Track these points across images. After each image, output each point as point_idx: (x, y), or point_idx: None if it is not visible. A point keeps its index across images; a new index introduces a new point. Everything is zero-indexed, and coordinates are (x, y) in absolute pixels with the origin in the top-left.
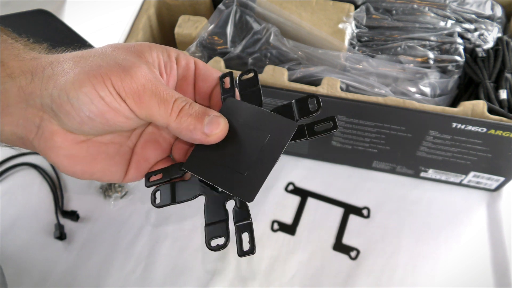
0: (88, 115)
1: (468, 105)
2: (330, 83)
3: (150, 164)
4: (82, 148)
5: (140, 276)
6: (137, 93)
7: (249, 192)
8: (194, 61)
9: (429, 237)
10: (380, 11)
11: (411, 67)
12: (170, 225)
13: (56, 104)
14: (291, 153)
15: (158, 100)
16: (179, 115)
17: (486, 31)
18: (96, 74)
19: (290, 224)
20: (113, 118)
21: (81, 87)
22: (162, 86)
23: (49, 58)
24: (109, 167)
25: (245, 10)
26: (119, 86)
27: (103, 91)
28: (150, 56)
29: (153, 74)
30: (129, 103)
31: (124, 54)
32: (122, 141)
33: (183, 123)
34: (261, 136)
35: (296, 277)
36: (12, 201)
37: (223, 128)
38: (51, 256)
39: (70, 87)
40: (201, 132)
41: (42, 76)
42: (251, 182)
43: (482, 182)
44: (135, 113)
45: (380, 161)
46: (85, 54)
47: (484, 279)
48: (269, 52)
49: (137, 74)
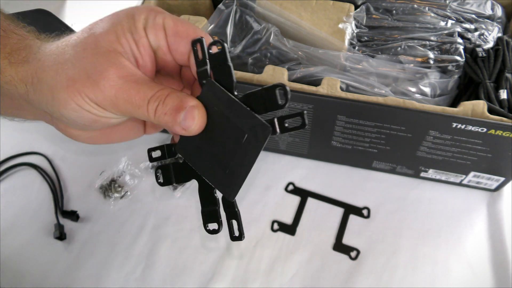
0: (84, 123)
1: (468, 105)
2: (330, 83)
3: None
4: (97, 132)
5: (140, 276)
6: (112, 103)
7: (230, 190)
8: (163, 24)
9: (429, 237)
10: (380, 11)
11: (411, 67)
12: (170, 225)
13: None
14: (291, 153)
15: (133, 107)
16: (156, 115)
17: (486, 31)
18: (73, 90)
19: (290, 224)
20: (106, 121)
21: (66, 106)
22: (133, 89)
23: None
24: (126, 132)
25: (245, 10)
26: (93, 98)
27: (85, 105)
28: (120, 45)
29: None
30: (110, 110)
31: (92, 58)
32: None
33: (161, 121)
34: (239, 134)
35: (296, 277)
36: (12, 201)
37: (197, 122)
38: (51, 256)
39: (57, 106)
40: (180, 128)
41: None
42: (232, 181)
43: (482, 182)
44: (120, 115)
45: (380, 161)
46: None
47: (484, 279)
48: (269, 52)
49: (106, 86)
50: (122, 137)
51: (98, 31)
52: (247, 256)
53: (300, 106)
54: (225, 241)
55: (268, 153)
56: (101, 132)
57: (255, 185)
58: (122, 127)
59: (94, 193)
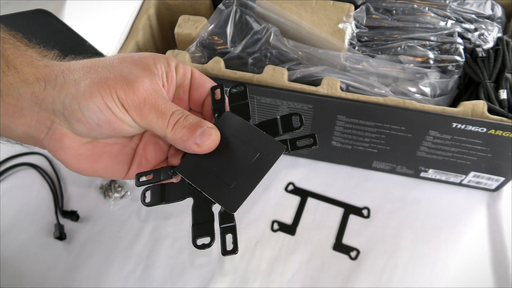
0: (97, 123)
1: (468, 105)
2: (330, 83)
3: (151, 164)
4: (88, 149)
5: (140, 276)
6: (139, 106)
7: (233, 203)
8: (191, 70)
9: (429, 237)
10: (380, 11)
11: (411, 67)
12: (170, 225)
13: (68, 111)
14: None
15: (157, 113)
16: (174, 127)
17: (486, 31)
18: (104, 86)
19: (290, 224)
20: (118, 126)
21: (91, 97)
22: (161, 99)
23: (60, 67)
24: (112, 165)
25: (245, 10)
26: (123, 98)
27: (110, 102)
28: (155, 68)
29: (154, 88)
30: (131, 114)
31: (130, 67)
32: (125, 142)
33: (178, 134)
34: (251, 153)
35: (296, 277)
36: (12, 201)
37: (213, 139)
38: (51, 256)
39: (81, 97)
40: (193, 143)
41: (54, 84)
42: (236, 194)
43: (482, 182)
44: (137, 122)
45: (380, 161)
46: (94, 65)
47: (484, 279)
48: (269, 52)
49: (139, 89)
50: (106, 167)
51: (136, 55)
52: (247, 256)
53: (300, 106)
54: None
55: None
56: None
57: None
58: (111, 157)
59: (94, 193)
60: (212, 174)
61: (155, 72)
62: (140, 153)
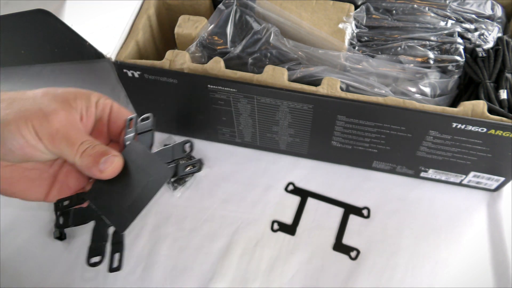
0: (9, 148)
1: (468, 105)
2: (330, 83)
3: (72, 190)
4: (6, 172)
5: (140, 276)
6: (51, 135)
7: (123, 224)
8: (110, 105)
9: (429, 237)
10: (380, 11)
11: (411, 67)
12: (170, 225)
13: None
14: (291, 153)
15: (67, 142)
16: (82, 155)
17: (486, 31)
18: (22, 116)
19: (290, 224)
20: (30, 152)
21: (7, 126)
22: (74, 130)
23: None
24: (30, 188)
25: (245, 10)
26: (37, 128)
27: (24, 130)
28: (74, 103)
29: (69, 120)
30: (44, 142)
31: (49, 101)
32: (44, 168)
33: (84, 161)
34: (145, 177)
35: (296, 277)
36: (12, 201)
37: (115, 166)
38: (51, 256)
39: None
40: (97, 169)
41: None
42: (127, 216)
43: (482, 182)
44: (49, 150)
45: (380, 161)
46: (18, 97)
47: (484, 279)
48: (269, 52)
49: (53, 120)
50: (24, 190)
51: (60, 90)
52: (247, 256)
53: (300, 106)
54: (225, 242)
55: (268, 153)
56: (10, 176)
57: (255, 185)
58: (29, 181)
59: None
60: (113, 198)
61: (74, 106)
62: (61, 179)
